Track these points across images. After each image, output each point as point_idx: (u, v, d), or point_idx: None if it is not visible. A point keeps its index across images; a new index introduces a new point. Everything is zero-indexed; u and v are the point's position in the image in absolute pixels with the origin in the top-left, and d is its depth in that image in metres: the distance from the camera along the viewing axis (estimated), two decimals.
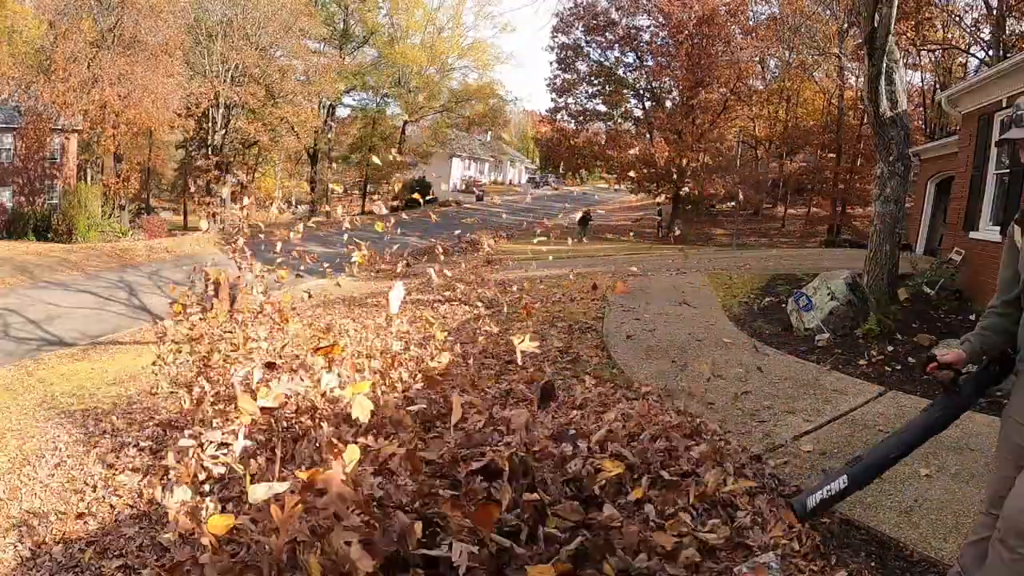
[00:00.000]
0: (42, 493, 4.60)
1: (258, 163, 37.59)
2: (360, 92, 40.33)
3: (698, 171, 29.26)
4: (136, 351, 9.83)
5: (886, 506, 3.03)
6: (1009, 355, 2.10)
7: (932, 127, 25.45)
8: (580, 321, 7.39)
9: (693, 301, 8.32)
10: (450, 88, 42.20)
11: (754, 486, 3.20)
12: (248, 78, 29.78)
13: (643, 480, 3.05)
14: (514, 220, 33.42)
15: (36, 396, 7.51)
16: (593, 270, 12.59)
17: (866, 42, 7.25)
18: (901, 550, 2.75)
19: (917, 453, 3.55)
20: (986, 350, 2.15)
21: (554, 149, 33.29)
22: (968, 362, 2.17)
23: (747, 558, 2.54)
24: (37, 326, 11.61)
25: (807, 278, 7.92)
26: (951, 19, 22.08)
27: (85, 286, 14.99)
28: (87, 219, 22.75)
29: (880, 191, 7.39)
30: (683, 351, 5.90)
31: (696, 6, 27.63)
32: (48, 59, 22.93)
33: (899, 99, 7.49)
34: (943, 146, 12.95)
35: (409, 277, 14.73)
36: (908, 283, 7.53)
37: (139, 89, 23.30)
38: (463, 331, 7.16)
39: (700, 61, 27.90)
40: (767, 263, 12.36)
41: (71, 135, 25.72)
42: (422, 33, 39.97)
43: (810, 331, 6.30)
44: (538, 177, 61.02)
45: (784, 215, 33.02)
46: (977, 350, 2.16)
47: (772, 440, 3.78)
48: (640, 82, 31.56)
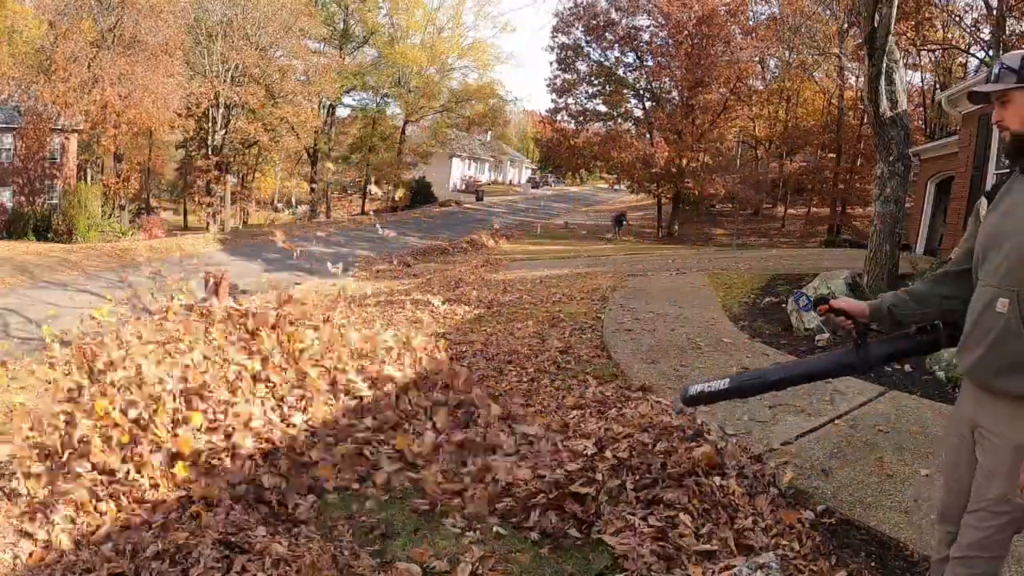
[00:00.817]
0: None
1: (258, 163, 37.60)
2: (360, 92, 40.37)
3: (698, 171, 29.25)
4: None
5: (886, 506, 3.03)
6: (941, 329, 1.93)
7: (932, 127, 25.47)
8: (580, 321, 7.39)
9: (693, 301, 8.32)
10: (450, 88, 42.23)
11: (754, 486, 3.20)
12: (248, 78, 29.79)
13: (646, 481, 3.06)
14: (514, 220, 33.48)
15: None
16: (593, 270, 12.60)
17: (866, 42, 7.25)
18: (901, 550, 2.75)
19: (917, 453, 3.57)
20: (896, 313, 1.94)
21: (554, 149, 33.28)
22: (873, 319, 1.97)
23: (747, 558, 2.55)
24: (37, 326, 11.61)
25: (807, 278, 7.93)
26: (951, 19, 22.07)
27: (85, 286, 14.99)
28: (87, 219, 22.75)
29: (880, 191, 7.39)
30: (683, 351, 5.90)
31: (696, 6, 27.62)
32: (48, 59, 22.94)
33: (899, 99, 7.50)
34: (943, 146, 12.97)
35: (409, 277, 14.75)
36: (908, 283, 7.53)
37: (139, 89, 23.32)
38: (461, 331, 7.16)
39: (700, 61, 27.89)
40: (767, 263, 12.36)
41: (71, 135, 25.73)
42: (422, 33, 39.99)
43: (810, 331, 6.30)
44: (538, 177, 61.06)
45: (784, 215, 33.03)
46: (884, 310, 1.95)
47: (772, 440, 3.78)
48: (640, 82, 31.55)
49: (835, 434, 3.82)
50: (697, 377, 5.14)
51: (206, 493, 2.94)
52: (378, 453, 3.55)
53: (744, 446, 3.71)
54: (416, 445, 3.59)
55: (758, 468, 3.42)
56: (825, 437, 3.78)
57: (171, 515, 2.84)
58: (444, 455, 3.54)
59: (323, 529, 2.92)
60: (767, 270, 10.62)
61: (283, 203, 45.92)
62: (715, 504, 2.93)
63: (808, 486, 3.25)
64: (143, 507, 2.92)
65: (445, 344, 5.41)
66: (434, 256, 19.59)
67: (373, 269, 17.08)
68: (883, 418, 4.05)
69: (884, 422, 3.99)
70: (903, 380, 4.89)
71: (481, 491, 3.17)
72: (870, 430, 3.88)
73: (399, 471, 3.39)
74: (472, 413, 4.03)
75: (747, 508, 2.96)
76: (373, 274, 16.22)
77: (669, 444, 3.48)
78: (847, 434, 3.83)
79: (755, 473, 3.35)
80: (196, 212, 34.13)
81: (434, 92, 40.23)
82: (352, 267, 15.92)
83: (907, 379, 4.92)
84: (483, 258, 17.94)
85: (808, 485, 3.26)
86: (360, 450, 3.54)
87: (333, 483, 3.27)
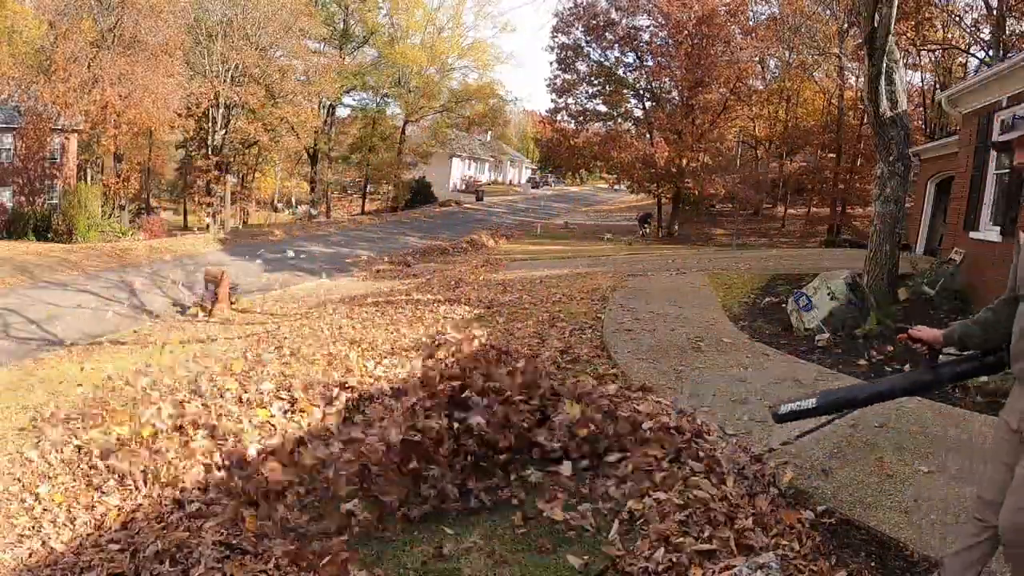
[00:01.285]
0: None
1: (258, 163, 37.57)
2: (360, 92, 40.32)
3: (698, 171, 29.23)
4: (136, 351, 9.83)
5: (886, 506, 3.03)
6: (1003, 352, 2.13)
7: (932, 127, 25.44)
8: (580, 321, 7.39)
9: (693, 301, 8.32)
10: (450, 88, 42.18)
11: (754, 486, 3.20)
12: (248, 78, 29.76)
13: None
14: (514, 220, 33.47)
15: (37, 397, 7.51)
16: (593, 270, 12.59)
17: (866, 42, 7.25)
18: (901, 550, 2.75)
19: (918, 452, 3.57)
20: (964, 339, 2.22)
21: (554, 149, 33.24)
22: (945, 344, 2.25)
23: (747, 558, 2.55)
24: (38, 326, 11.61)
25: (807, 278, 7.92)
26: (951, 19, 22.07)
27: (85, 286, 14.98)
28: (87, 219, 22.73)
29: (880, 191, 7.39)
30: (683, 351, 5.90)
31: (696, 6, 27.59)
32: (48, 59, 22.91)
33: (899, 99, 7.50)
34: (943, 146, 12.95)
35: (409, 277, 14.75)
36: (908, 283, 7.54)
37: (139, 89, 23.28)
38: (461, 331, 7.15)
39: (700, 61, 27.86)
40: (767, 263, 12.36)
41: (71, 135, 25.71)
42: (422, 33, 39.95)
43: (810, 331, 6.30)
44: (538, 177, 61.06)
45: (784, 215, 33.01)
46: (954, 337, 2.23)
47: (772, 440, 3.78)
48: (640, 82, 31.52)
49: (835, 434, 3.82)
50: (697, 377, 5.14)
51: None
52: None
53: (744, 446, 3.71)
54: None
55: (758, 468, 3.42)
56: (825, 437, 3.78)
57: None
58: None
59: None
60: (767, 270, 10.62)
61: (283, 203, 45.90)
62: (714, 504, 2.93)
63: (808, 486, 3.25)
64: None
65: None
66: (434, 256, 19.60)
67: (373, 269, 17.08)
68: (883, 418, 4.05)
69: (884, 421, 3.99)
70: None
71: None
72: (870, 430, 3.89)
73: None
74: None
75: (747, 508, 2.96)
76: (373, 274, 16.22)
77: (669, 444, 3.48)
78: (847, 434, 3.83)
79: (755, 473, 3.35)
80: (196, 212, 34.09)
81: (434, 92, 40.19)
82: (353, 267, 15.92)
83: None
84: (483, 258, 17.94)
85: (808, 485, 3.26)
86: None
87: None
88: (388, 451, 3.38)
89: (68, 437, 4.62)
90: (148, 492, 3.80)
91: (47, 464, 4.45)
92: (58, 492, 4.23)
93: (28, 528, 3.83)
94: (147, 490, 3.81)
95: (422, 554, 2.83)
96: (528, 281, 11.47)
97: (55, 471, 4.50)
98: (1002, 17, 18.70)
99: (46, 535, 3.71)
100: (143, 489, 3.82)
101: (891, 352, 5.58)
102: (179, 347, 9.44)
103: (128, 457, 4.01)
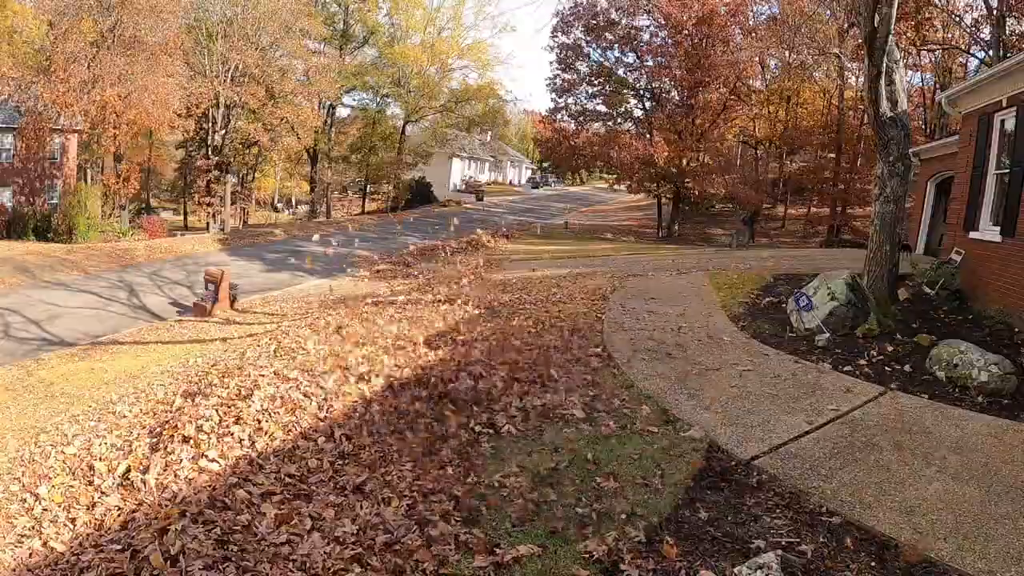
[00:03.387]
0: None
1: (258, 163, 37.57)
2: (360, 92, 40.28)
3: (698, 171, 29.23)
4: (136, 351, 9.83)
5: (886, 506, 3.03)
6: None
7: (932, 127, 25.44)
8: (580, 321, 7.39)
9: (693, 301, 8.32)
10: (450, 88, 42.10)
11: (754, 486, 3.20)
12: (248, 78, 29.74)
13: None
14: (514, 220, 33.46)
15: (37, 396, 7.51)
16: (593, 270, 12.58)
17: (866, 42, 7.24)
18: (901, 550, 2.75)
19: (917, 452, 3.57)
20: None
21: (554, 149, 33.26)
22: None
23: (747, 558, 2.55)
24: (38, 326, 11.60)
25: (807, 278, 7.92)
26: (951, 19, 22.07)
27: (85, 286, 14.97)
28: (87, 219, 22.71)
29: (880, 191, 7.39)
30: (684, 351, 5.90)
31: (696, 6, 27.60)
32: (48, 59, 22.88)
33: (899, 99, 7.50)
34: (943, 146, 12.93)
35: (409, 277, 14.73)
36: (908, 283, 7.53)
37: (139, 89, 23.27)
38: (460, 330, 7.15)
39: (700, 61, 27.87)
40: (767, 263, 12.35)
41: (71, 135, 25.69)
42: (422, 33, 39.92)
43: (810, 331, 6.29)
44: (538, 177, 61.05)
45: (784, 215, 33.00)
46: None
47: (773, 440, 3.78)
48: (640, 82, 31.53)
49: (835, 434, 3.82)
50: (697, 376, 5.13)
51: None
52: None
53: (744, 446, 3.71)
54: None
55: (758, 468, 3.42)
56: (825, 437, 3.78)
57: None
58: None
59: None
60: (767, 270, 10.61)
61: (283, 203, 45.88)
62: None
63: (808, 486, 3.25)
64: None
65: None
66: (434, 256, 19.58)
67: (373, 269, 17.06)
68: (883, 418, 4.05)
69: (884, 422, 3.99)
70: (903, 380, 4.88)
71: None
72: (870, 430, 3.88)
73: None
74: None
75: (747, 508, 2.96)
76: (374, 274, 16.21)
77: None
78: (847, 434, 3.83)
79: (755, 473, 3.35)
80: (196, 212, 34.06)
81: (434, 92, 40.14)
82: (352, 267, 15.92)
83: (907, 379, 4.91)
84: (483, 258, 17.92)
85: (808, 485, 3.26)
86: None
87: None
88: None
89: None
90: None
91: (54, 463, 4.45)
92: (58, 492, 4.23)
93: (28, 528, 3.83)
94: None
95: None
96: (528, 281, 11.47)
97: (55, 471, 4.50)
98: (1002, 17, 18.69)
99: (46, 535, 3.71)
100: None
101: (891, 352, 5.57)
102: (198, 347, 9.44)
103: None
